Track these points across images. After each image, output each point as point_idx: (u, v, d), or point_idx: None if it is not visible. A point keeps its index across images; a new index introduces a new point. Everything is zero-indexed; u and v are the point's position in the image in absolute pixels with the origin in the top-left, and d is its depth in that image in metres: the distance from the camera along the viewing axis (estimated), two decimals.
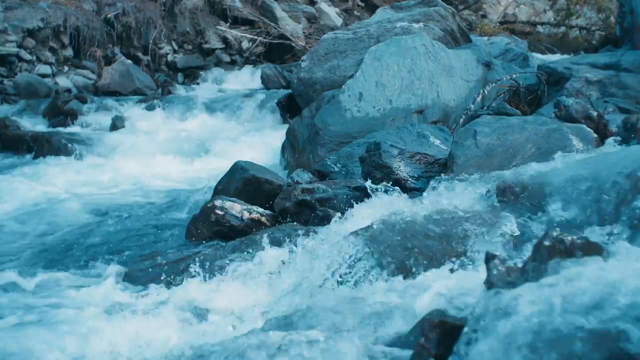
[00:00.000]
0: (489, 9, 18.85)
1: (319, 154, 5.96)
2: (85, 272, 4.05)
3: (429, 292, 2.29)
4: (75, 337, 2.90)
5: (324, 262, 3.04)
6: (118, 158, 7.58)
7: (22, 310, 3.36)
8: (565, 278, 1.68)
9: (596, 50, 10.35)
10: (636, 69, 6.30)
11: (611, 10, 14.33)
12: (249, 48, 13.76)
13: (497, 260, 1.89)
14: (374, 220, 3.06)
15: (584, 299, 1.57)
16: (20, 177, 6.67)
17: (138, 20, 12.60)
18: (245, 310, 3.13)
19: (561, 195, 2.89)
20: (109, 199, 5.94)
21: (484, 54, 7.49)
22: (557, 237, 1.83)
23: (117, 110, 9.69)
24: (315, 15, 14.87)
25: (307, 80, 8.27)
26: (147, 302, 3.39)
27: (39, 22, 11.35)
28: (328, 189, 4.25)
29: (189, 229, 4.53)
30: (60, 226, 5.13)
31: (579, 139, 3.72)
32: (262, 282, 3.40)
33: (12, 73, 11.03)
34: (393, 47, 6.42)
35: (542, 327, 1.55)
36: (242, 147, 7.60)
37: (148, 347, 2.76)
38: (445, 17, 8.98)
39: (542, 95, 6.29)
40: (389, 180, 3.88)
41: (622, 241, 2.30)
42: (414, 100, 6.32)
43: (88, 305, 3.28)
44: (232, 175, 4.91)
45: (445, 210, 2.98)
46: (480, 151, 3.69)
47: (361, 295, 2.47)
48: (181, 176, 6.86)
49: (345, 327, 2.15)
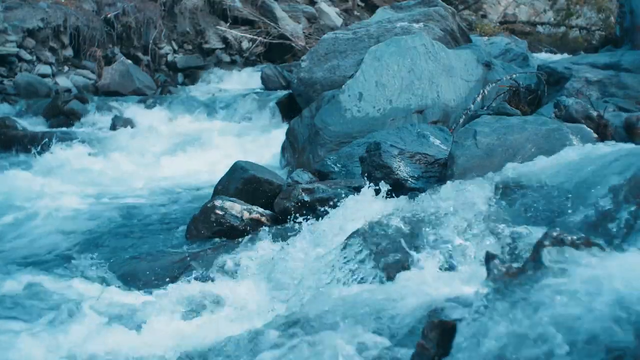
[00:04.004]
0: (489, 9, 18.85)
1: (319, 154, 5.96)
2: (85, 272, 4.05)
3: (429, 292, 2.29)
4: (74, 338, 2.90)
5: (323, 262, 3.04)
6: (118, 158, 7.57)
7: (20, 311, 3.36)
8: (565, 278, 1.68)
9: (596, 50, 10.35)
10: (636, 69, 6.30)
11: (611, 10, 14.33)
12: (249, 48, 13.76)
13: (497, 260, 1.89)
14: (373, 220, 3.06)
15: (584, 298, 1.57)
16: (20, 177, 6.67)
17: (138, 20, 12.60)
18: (245, 310, 3.14)
19: (561, 195, 2.89)
20: (108, 199, 5.94)
21: (484, 54, 7.49)
22: (557, 237, 1.83)
23: (117, 110, 9.69)
24: (315, 15, 14.87)
25: (307, 80, 8.28)
26: (147, 302, 3.39)
27: (39, 22, 11.35)
28: (328, 189, 4.25)
29: (189, 229, 4.53)
30: (59, 226, 5.13)
31: (579, 139, 3.72)
32: (262, 282, 3.40)
33: (12, 73, 11.03)
34: (393, 47, 6.42)
35: (540, 326, 1.56)
36: (242, 147, 7.60)
37: (147, 347, 2.76)
38: (445, 17, 8.98)
39: (542, 95, 6.29)
40: (389, 180, 3.88)
41: (621, 241, 2.30)
42: (414, 100, 6.32)
43: (87, 305, 3.28)
44: (232, 175, 4.91)
45: (444, 210, 2.98)
46: (480, 151, 3.68)
47: (360, 294, 2.47)
48: (181, 176, 6.86)
49: (345, 326, 2.15)
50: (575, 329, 1.51)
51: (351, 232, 3.07)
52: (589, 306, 1.55)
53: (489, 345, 1.59)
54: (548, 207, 2.90)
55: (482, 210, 2.96)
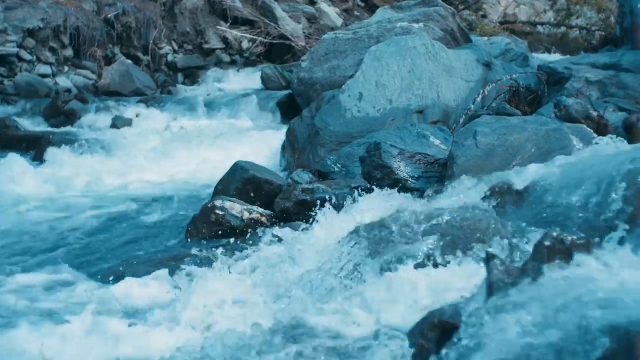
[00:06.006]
0: (489, 9, 18.83)
1: (319, 154, 5.96)
2: (85, 272, 4.05)
3: (429, 292, 2.29)
4: (74, 338, 2.90)
5: (323, 261, 3.04)
6: (118, 158, 7.57)
7: (20, 312, 3.36)
8: (565, 278, 1.68)
9: (596, 50, 10.35)
10: (636, 69, 6.30)
11: (611, 10, 14.33)
12: (249, 48, 13.75)
13: (497, 260, 1.89)
14: (373, 220, 3.06)
15: (583, 298, 1.57)
16: (20, 177, 6.67)
17: (138, 20, 12.58)
18: (246, 310, 3.14)
19: (561, 196, 2.89)
20: (108, 199, 5.94)
21: (484, 54, 7.50)
22: (557, 237, 1.83)
23: (117, 110, 9.69)
24: (315, 15, 14.86)
25: (307, 81, 8.27)
26: (147, 302, 3.39)
27: (39, 22, 11.34)
28: (328, 189, 4.25)
29: (189, 229, 4.53)
30: (60, 226, 5.13)
31: (579, 139, 3.72)
32: (262, 282, 3.40)
33: (12, 73, 11.02)
34: (393, 47, 6.42)
35: (541, 326, 1.56)
36: (242, 147, 7.59)
37: (147, 347, 2.76)
38: (445, 17, 8.98)
39: (542, 95, 6.30)
40: (389, 180, 3.88)
41: (621, 241, 2.30)
42: (414, 100, 6.31)
43: (87, 306, 3.28)
44: (232, 175, 4.91)
45: (444, 210, 2.98)
46: (480, 151, 3.68)
47: (360, 294, 2.48)
48: (181, 176, 6.86)
49: (344, 325, 2.15)
50: (576, 329, 1.51)
51: (350, 232, 3.07)
52: (588, 306, 1.55)
53: (489, 345, 1.59)
54: (548, 207, 2.90)
55: (482, 210, 2.96)
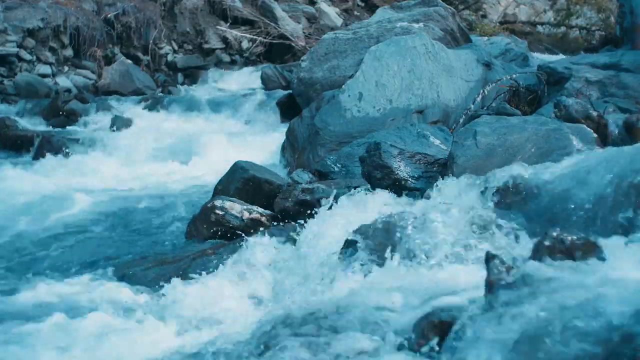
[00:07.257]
0: (489, 9, 18.83)
1: (319, 154, 5.96)
2: (85, 273, 4.04)
3: (429, 291, 2.29)
4: (74, 339, 2.90)
5: (323, 261, 3.04)
6: (118, 158, 7.57)
7: (20, 313, 3.36)
8: (565, 278, 1.68)
9: (596, 50, 10.35)
10: (636, 69, 6.30)
11: (611, 10, 14.33)
12: (249, 48, 13.75)
13: (497, 260, 1.89)
14: (373, 220, 3.06)
15: (583, 298, 1.57)
16: (20, 177, 6.67)
17: (138, 20, 12.58)
18: (246, 310, 3.14)
19: (561, 195, 2.89)
20: (108, 199, 5.94)
21: (484, 54, 7.50)
22: (557, 237, 1.83)
23: (117, 110, 9.69)
24: (315, 15, 14.87)
25: (307, 80, 8.28)
26: (147, 303, 3.39)
27: (39, 22, 11.35)
28: (328, 189, 4.25)
29: (189, 229, 4.53)
30: (60, 227, 5.13)
31: (579, 139, 3.71)
32: (262, 282, 3.40)
33: (12, 73, 11.02)
34: (393, 47, 6.42)
35: (540, 326, 1.55)
36: (242, 147, 7.59)
37: (147, 347, 2.76)
38: (445, 17, 8.98)
39: (542, 95, 6.30)
40: (389, 180, 3.88)
41: (621, 241, 2.30)
42: (414, 100, 6.32)
43: (87, 307, 3.28)
44: (232, 175, 4.91)
45: (444, 210, 2.98)
46: (480, 151, 3.68)
47: (359, 293, 2.47)
48: (181, 176, 6.86)
49: (344, 325, 2.15)
50: (576, 329, 1.51)
51: (351, 231, 3.07)
52: (588, 306, 1.55)
53: (488, 345, 1.59)
54: (548, 207, 2.90)
55: (482, 210, 2.96)
